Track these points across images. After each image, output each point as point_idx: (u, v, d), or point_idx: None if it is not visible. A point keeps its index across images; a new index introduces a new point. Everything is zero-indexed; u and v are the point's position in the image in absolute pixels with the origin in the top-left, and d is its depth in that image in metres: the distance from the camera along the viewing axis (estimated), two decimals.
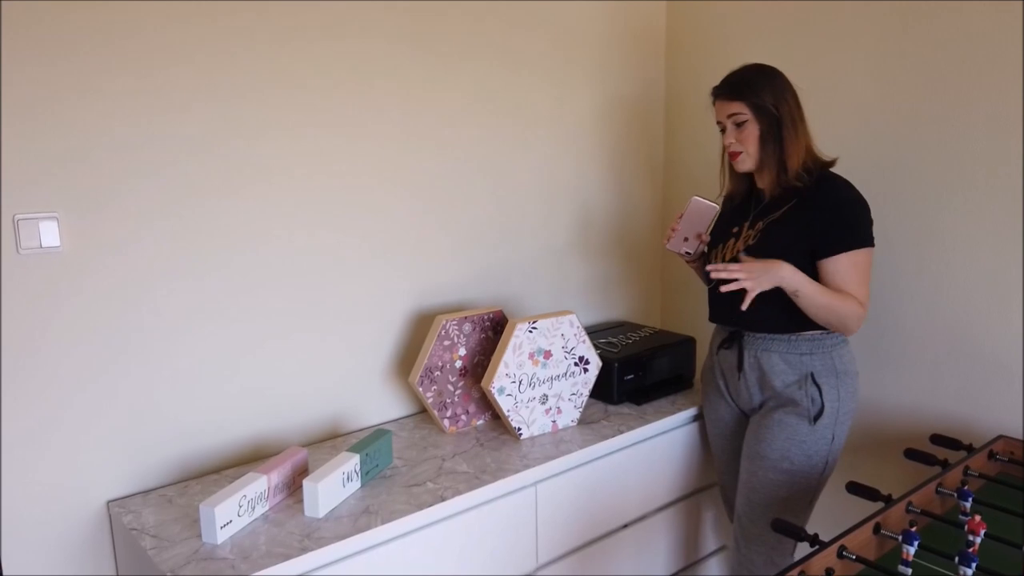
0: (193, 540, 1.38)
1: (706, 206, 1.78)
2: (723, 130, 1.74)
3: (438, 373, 1.83)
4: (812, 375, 1.71)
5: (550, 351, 1.83)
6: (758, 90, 1.66)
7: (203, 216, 1.59)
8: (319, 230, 1.76)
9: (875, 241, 1.68)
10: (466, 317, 1.86)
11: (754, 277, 1.59)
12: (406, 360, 1.96)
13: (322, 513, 1.46)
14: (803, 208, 1.68)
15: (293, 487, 1.56)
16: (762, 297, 1.67)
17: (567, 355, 1.86)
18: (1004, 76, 1.72)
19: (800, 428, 1.72)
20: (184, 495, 1.56)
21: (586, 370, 1.90)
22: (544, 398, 1.85)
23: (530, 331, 1.79)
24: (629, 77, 2.36)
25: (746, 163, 1.72)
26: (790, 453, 1.72)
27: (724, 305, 1.81)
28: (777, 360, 1.73)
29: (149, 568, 1.35)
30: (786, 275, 1.60)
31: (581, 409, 1.91)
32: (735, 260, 1.75)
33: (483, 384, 1.78)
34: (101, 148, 1.45)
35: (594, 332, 2.24)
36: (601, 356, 1.98)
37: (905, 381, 1.97)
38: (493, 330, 1.92)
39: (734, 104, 1.68)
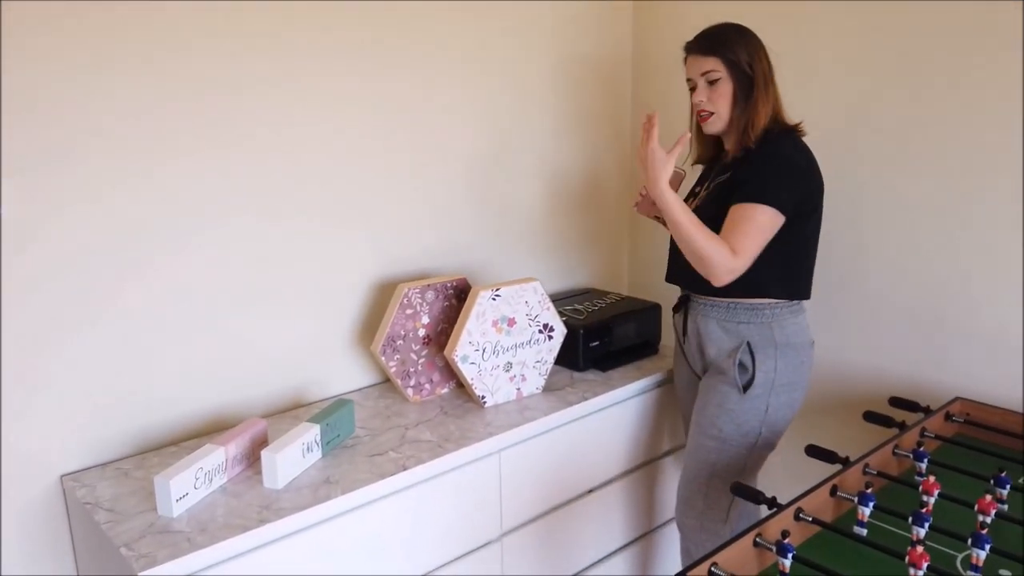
0: (149, 513, 1.36)
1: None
2: (693, 88, 1.69)
3: (401, 342, 1.81)
4: (748, 344, 1.68)
5: (514, 319, 1.82)
6: (734, 47, 1.62)
7: (161, 185, 1.54)
8: (278, 199, 1.72)
9: (802, 212, 1.61)
10: (429, 285, 1.84)
11: (644, 165, 1.57)
12: (369, 329, 1.94)
13: (281, 484, 1.45)
14: (742, 166, 1.65)
15: (252, 458, 1.54)
16: None
17: (531, 322, 1.85)
18: (968, 50, 1.72)
19: (730, 396, 1.70)
20: (141, 468, 1.54)
21: (551, 337, 1.89)
22: (508, 366, 1.84)
23: (493, 299, 1.78)
24: (594, 35, 2.32)
25: (716, 125, 1.68)
26: (719, 421, 1.72)
27: (674, 267, 1.80)
28: (715, 327, 1.72)
29: (104, 543, 1.33)
30: (662, 189, 1.54)
31: (546, 376, 1.91)
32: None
33: (446, 352, 1.77)
34: (56, 115, 1.39)
35: (560, 299, 2.23)
36: (566, 323, 1.97)
37: (866, 344, 1.99)
38: (457, 298, 1.90)
39: (708, 60, 1.64)
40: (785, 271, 1.67)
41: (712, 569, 1.14)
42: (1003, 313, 1.75)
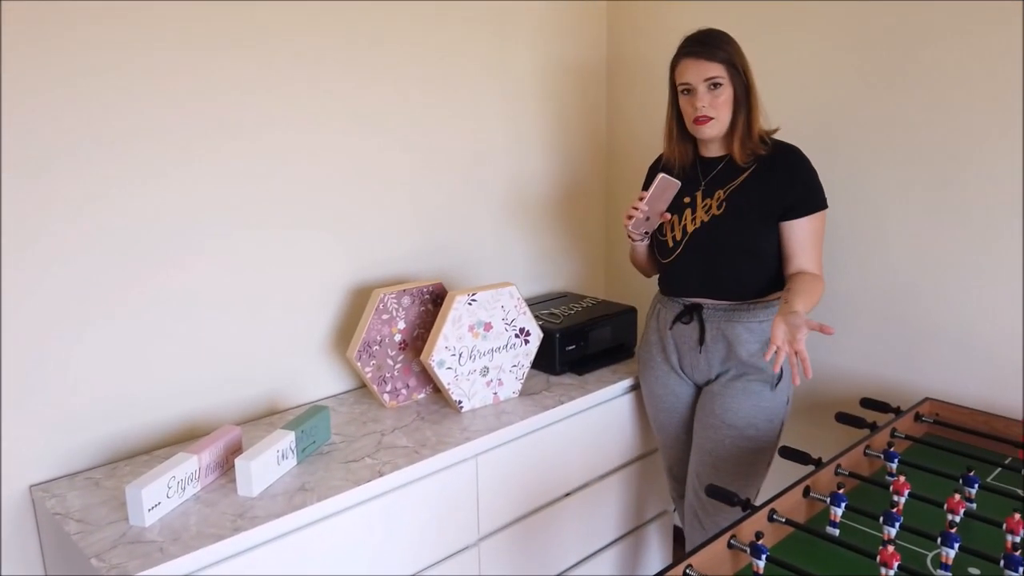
0: (120, 523, 1.34)
1: (672, 183, 1.72)
2: (687, 91, 1.68)
3: (377, 347, 1.80)
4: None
5: (490, 323, 1.82)
6: (732, 53, 1.64)
7: (131, 194, 1.52)
8: (251, 205, 1.71)
9: None
10: (405, 290, 1.83)
11: (796, 339, 1.47)
12: (344, 335, 1.93)
13: (256, 492, 1.43)
14: (767, 173, 1.69)
15: (226, 466, 1.53)
16: (729, 268, 1.71)
17: (508, 327, 1.85)
18: (937, 54, 1.75)
19: (764, 394, 1.73)
20: (112, 477, 1.52)
21: (527, 341, 1.90)
22: (485, 370, 1.84)
23: (469, 303, 1.78)
24: (569, 37, 2.33)
25: (714, 129, 1.67)
26: (756, 420, 1.73)
27: (688, 278, 1.77)
28: (741, 330, 1.73)
29: (74, 554, 1.31)
30: (799, 311, 1.51)
31: (522, 380, 1.91)
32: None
33: (423, 357, 1.76)
34: (31, 127, 1.37)
35: (537, 303, 2.24)
36: (542, 327, 1.98)
37: (838, 346, 2.02)
38: (433, 303, 1.90)
39: (712, 66, 1.63)
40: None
41: (687, 571, 1.15)
42: (970, 315, 1.79)
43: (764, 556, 1.18)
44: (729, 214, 1.71)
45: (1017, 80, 1.65)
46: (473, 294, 1.78)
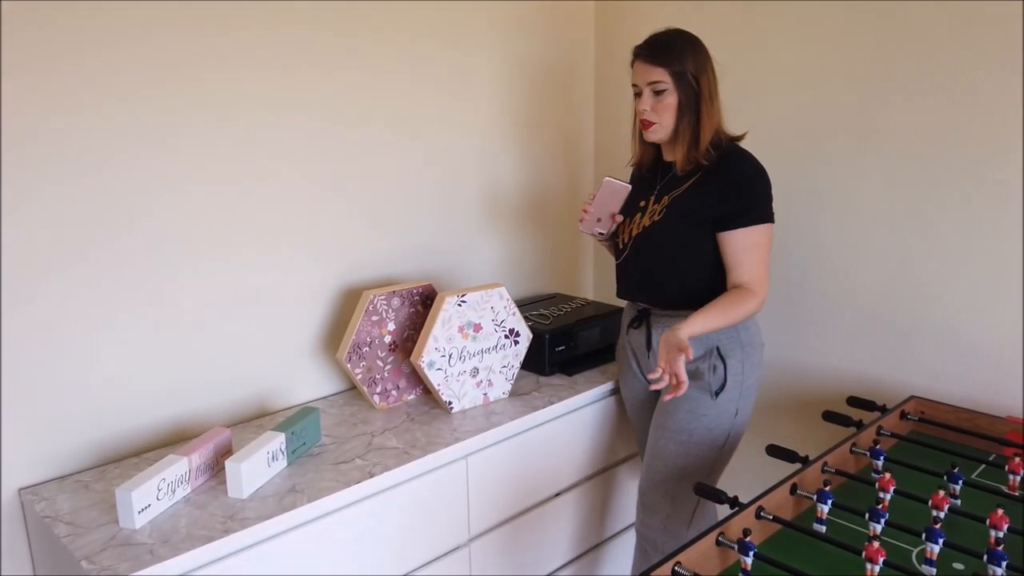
0: (110, 526, 1.34)
1: (619, 186, 1.74)
2: (637, 94, 1.69)
3: (367, 349, 1.80)
4: (718, 348, 1.69)
5: (480, 324, 1.83)
6: (682, 58, 1.62)
7: (117, 196, 1.52)
8: (240, 208, 1.71)
9: (780, 215, 1.67)
10: (394, 291, 1.84)
11: (674, 366, 1.56)
12: (334, 336, 1.93)
13: (246, 493, 1.43)
14: (706, 182, 1.66)
15: (216, 468, 1.53)
16: (667, 275, 1.70)
17: (497, 328, 1.86)
18: (920, 55, 1.77)
19: (703, 402, 1.71)
20: (102, 480, 1.51)
21: (517, 342, 1.90)
22: (475, 371, 1.84)
23: (459, 304, 1.78)
24: (555, 37, 2.34)
25: (658, 134, 1.68)
26: (691, 426, 1.72)
27: (631, 281, 1.80)
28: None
29: (64, 556, 1.30)
30: (682, 334, 1.56)
31: (512, 381, 1.92)
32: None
33: (412, 359, 1.77)
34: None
35: (526, 304, 2.25)
36: (532, 328, 1.99)
37: (825, 345, 2.04)
38: (423, 304, 1.90)
39: (656, 70, 1.62)
40: None
41: (676, 568, 1.16)
42: (954, 314, 1.81)
43: (752, 553, 1.19)
44: (667, 221, 1.70)
45: (1003, 81, 1.67)
46: (463, 295, 1.79)
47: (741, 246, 1.64)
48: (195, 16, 1.57)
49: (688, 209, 1.68)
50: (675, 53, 1.62)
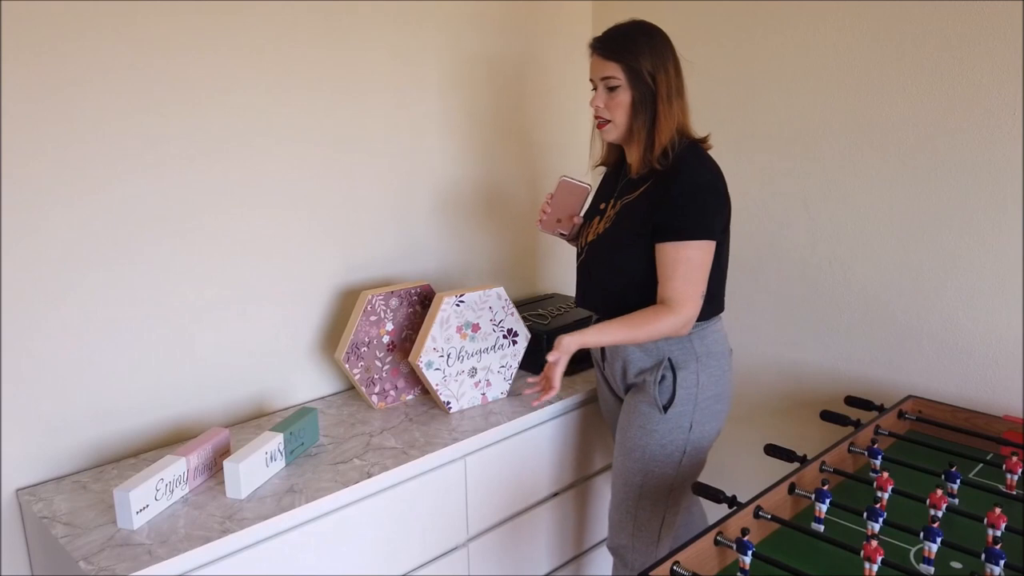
0: (108, 526, 1.34)
1: (576, 187, 1.70)
2: (594, 89, 1.60)
3: (365, 349, 1.80)
4: (670, 360, 1.61)
5: (478, 324, 1.83)
6: (638, 54, 1.51)
7: (114, 194, 1.52)
8: (240, 207, 1.71)
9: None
10: (393, 292, 1.84)
11: (548, 369, 1.58)
12: (332, 337, 1.93)
13: (244, 494, 1.43)
14: (654, 188, 1.56)
15: (215, 468, 1.53)
16: (609, 284, 1.64)
17: (495, 328, 1.86)
18: (915, 55, 1.78)
19: (652, 416, 1.63)
20: (100, 480, 1.51)
21: (515, 342, 1.90)
22: (473, 371, 1.84)
23: (457, 304, 1.78)
24: (554, 40, 2.34)
25: (612, 133, 1.59)
26: (642, 442, 1.64)
27: (580, 289, 1.74)
28: (633, 348, 1.64)
29: (62, 557, 1.30)
30: (569, 340, 1.54)
31: (511, 381, 1.92)
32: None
33: (411, 359, 1.77)
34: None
35: (525, 304, 2.25)
36: (530, 328, 1.99)
37: (823, 345, 2.04)
38: (421, 304, 1.90)
39: (609, 65, 1.53)
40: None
41: (674, 568, 1.16)
42: (952, 314, 1.81)
43: (750, 552, 1.19)
44: (612, 228, 1.62)
45: (1001, 82, 1.67)
46: (461, 295, 1.79)
47: (670, 260, 1.52)
48: (194, 12, 1.57)
49: (632, 217, 1.58)
50: (630, 47, 1.52)
